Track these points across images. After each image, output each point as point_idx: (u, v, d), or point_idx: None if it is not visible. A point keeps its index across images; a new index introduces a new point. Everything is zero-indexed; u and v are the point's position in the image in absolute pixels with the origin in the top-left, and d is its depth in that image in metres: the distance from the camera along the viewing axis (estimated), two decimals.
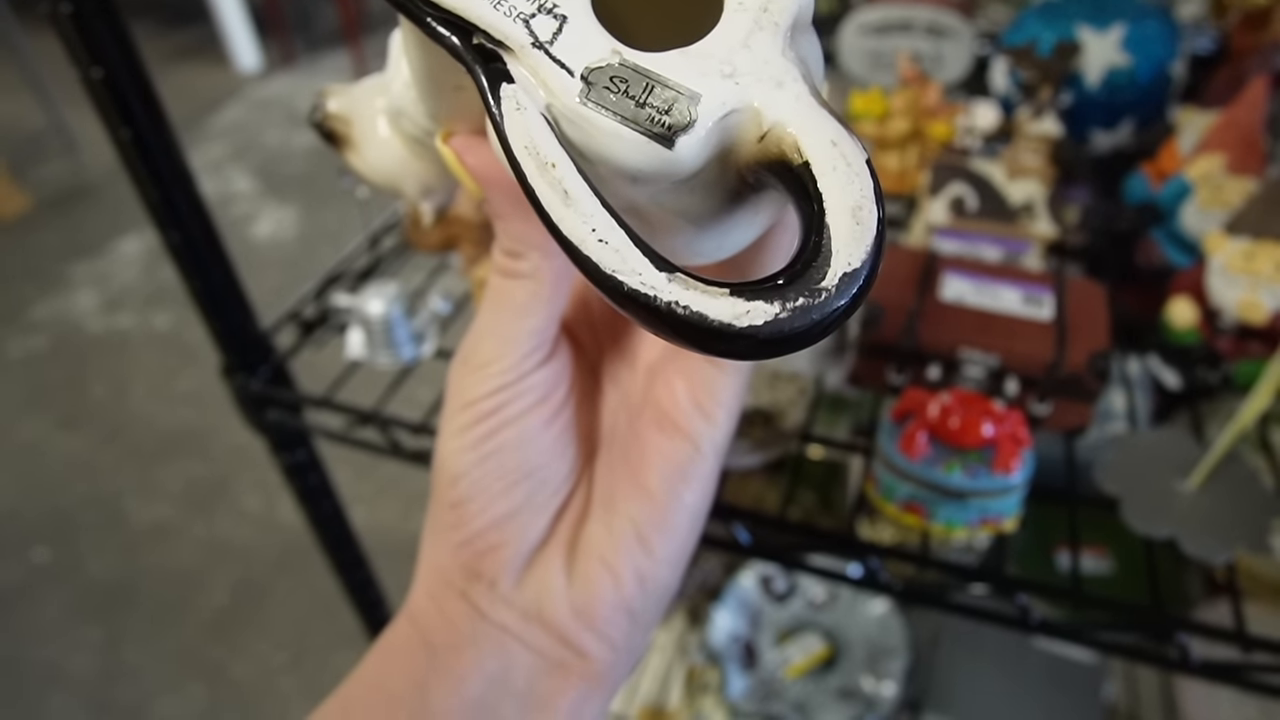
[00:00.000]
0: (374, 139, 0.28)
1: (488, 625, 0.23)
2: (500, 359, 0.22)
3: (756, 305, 0.13)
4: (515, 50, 0.15)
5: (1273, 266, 0.45)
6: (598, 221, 0.14)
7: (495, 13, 0.15)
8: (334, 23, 3.50)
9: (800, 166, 0.14)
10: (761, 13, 0.15)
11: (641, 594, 0.24)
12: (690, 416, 0.23)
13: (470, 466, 0.23)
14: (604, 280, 0.14)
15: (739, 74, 0.15)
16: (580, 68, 0.15)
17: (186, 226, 0.43)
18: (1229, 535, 0.38)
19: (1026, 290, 0.44)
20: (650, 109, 0.14)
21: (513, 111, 0.15)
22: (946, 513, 0.38)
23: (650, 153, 0.14)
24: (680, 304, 0.14)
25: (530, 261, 0.21)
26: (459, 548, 0.24)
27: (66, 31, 0.36)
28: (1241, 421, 0.38)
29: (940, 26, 0.72)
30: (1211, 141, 0.52)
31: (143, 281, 2.14)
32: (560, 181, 0.14)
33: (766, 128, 0.15)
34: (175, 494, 1.58)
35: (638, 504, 0.23)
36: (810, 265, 0.14)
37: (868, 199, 0.14)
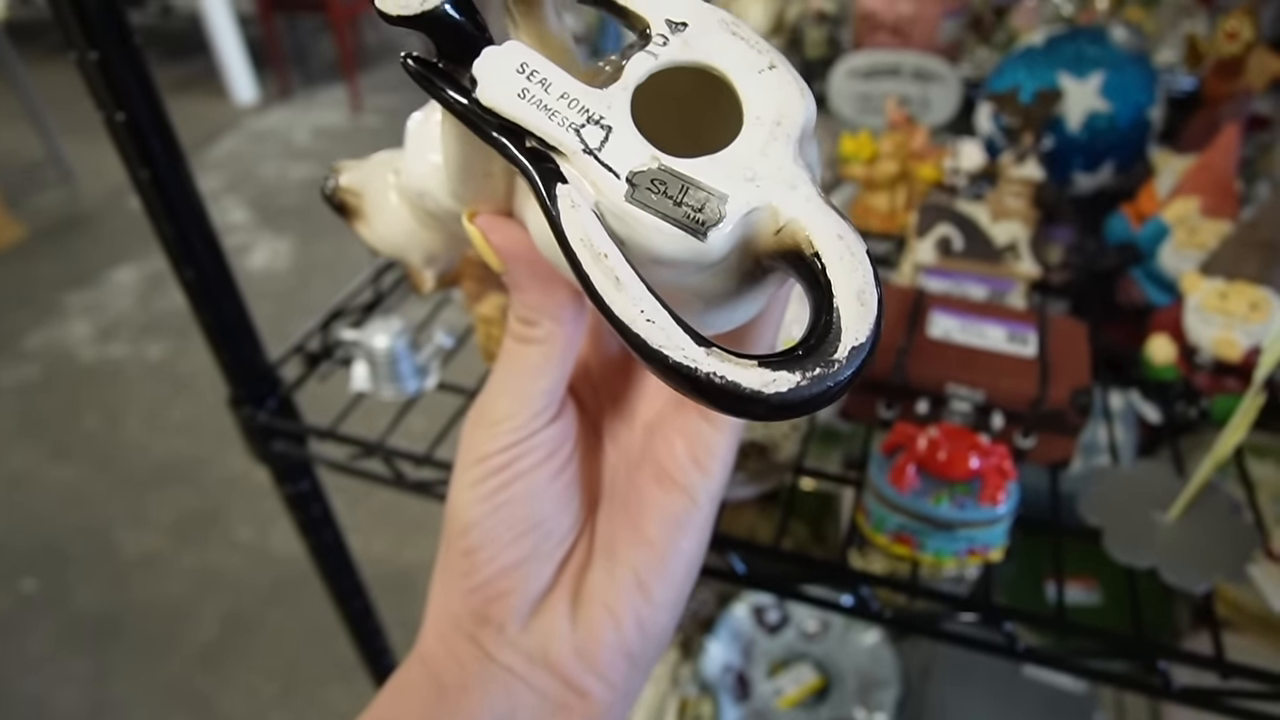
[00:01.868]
0: (383, 211, 0.29)
1: (496, 667, 0.25)
2: (512, 417, 0.24)
3: (781, 375, 0.16)
4: (568, 155, 0.17)
5: (1246, 306, 0.47)
6: (645, 304, 0.16)
7: (550, 123, 0.17)
8: (330, 56, 3.56)
9: (811, 256, 0.17)
10: (775, 126, 0.17)
11: (641, 638, 0.25)
12: (688, 471, 0.25)
13: (482, 517, 0.24)
14: (651, 354, 0.16)
15: (759, 178, 0.17)
16: (625, 171, 0.17)
17: (200, 263, 0.44)
18: (1208, 565, 0.40)
19: (1011, 328, 0.45)
20: (686, 207, 0.17)
21: (568, 209, 0.17)
22: (935, 543, 0.39)
23: (686, 244, 0.17)
24: (717, 375, 0.16)
25: (544, 329, 0.23)
26: (469, 593, 0.25)
27: (93, 77, 0.37)
28: (1218, 455, 0.39)
29: (927, 71, 0.75)
30: (1187, 185, 0.55)
31: (136, 311, 2.14)
32: (612, 270, 0.17)
33: (782, 223, 0.17)
34: (166, 524, 1.57)
35: (638, 553, 0.25)
36: (824, 340, 0.16)
37: (869, 283, 0.16)
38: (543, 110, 0.17)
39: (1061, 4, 0.79)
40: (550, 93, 0.17)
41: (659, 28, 0.18)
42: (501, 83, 0.17)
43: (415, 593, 0.31)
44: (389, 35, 3.83)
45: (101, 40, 0.37)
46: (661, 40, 0.18)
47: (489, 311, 0.50)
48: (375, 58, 3.64)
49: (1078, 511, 0.42)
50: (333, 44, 3.37)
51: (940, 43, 0.77)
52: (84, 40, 0.36)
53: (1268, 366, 0.35)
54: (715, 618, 0.82)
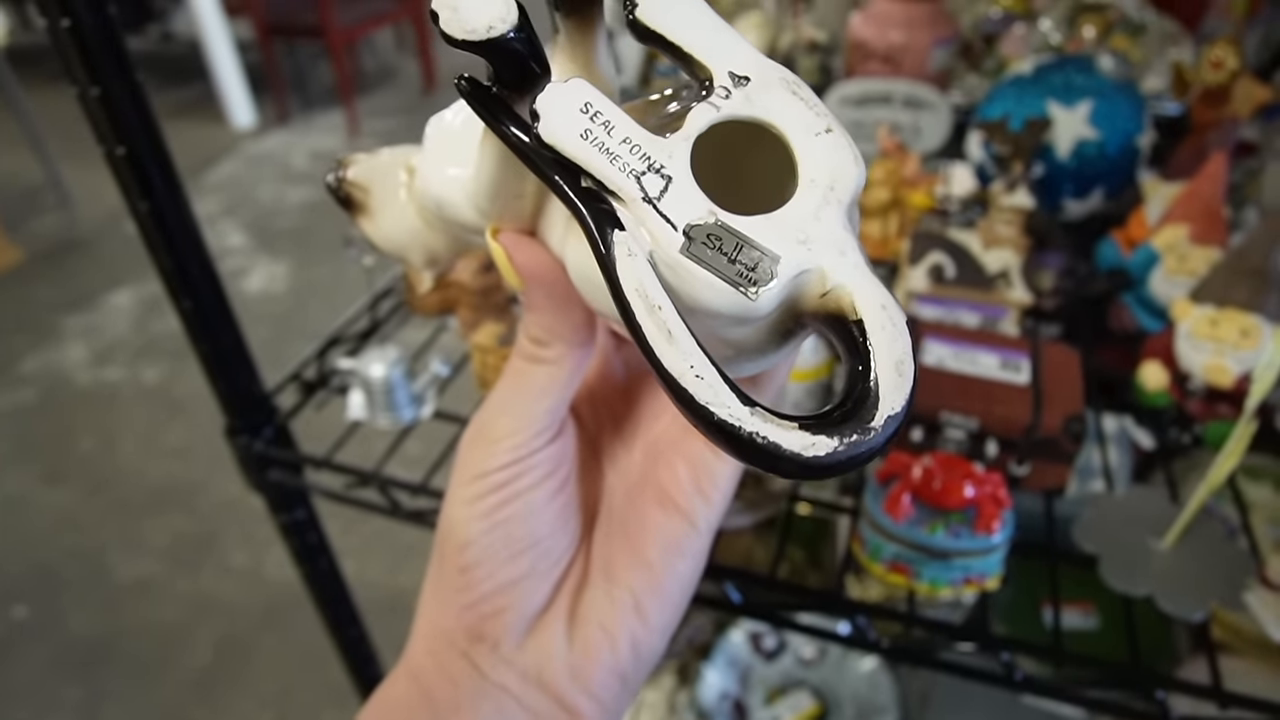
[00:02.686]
0: (390, 209, 0.29)
1: (489, 685, 0.25)
2: (514, 435, 0.24)
3: (820, 439, 0.16)
4: (626, 201, 0.17)
5: (1236, 333, 0.47)
6: (695, 359, 0.16)
7: (612, 167, 0.17)
8: (328, 82, 3.58)
9: (854, 322, 0.17)
10: (829, 190, 0.18)
11: (635, 659, 0.25)
12: (690, 497, 0.25)
13: (480, 534, 0.24)
14: (697, 409, 0.16)
15: (810, 241, 0.17)
16: (683, 224, 0.17)
17: (198, 293, 0.45)
18: (1203, 593, 0.40)
19: (1004, 355, 0.46)
20: (740, 265, 0.17)
21: (624, 257, 0.17)
22: (931, 572, 0.39)
23: (736, 301, 0.17)
24: (760, 435, 0.16)
25: (555, 350, 0.23)
26: (465, 610, 0.25)
27: (94, 112, 0.38)
28: (1212, 482, 0.40)
29: (918, 99, 0.76)
30: (1176, 212, 0.55)
31: (133, 335, 2.14)
32: (665, 323, 0.17)
33: (829, 287, 0.17)
34: (160, 549, 1.56)
35: (636, 575, 0.25)
36: (861, 406, 0.16)
37: (908, 355, 0.17)
38: (605, 153, 0.17)
39: (1049, 33, 0.80)
40: (613, 136, 0.17)
41: (722, 79, 0.18)
42: (565, 121, 0.17)
43: (409, 617, 0.31)
44: (387, 61, 3.87)
45: (103, 76, 0.37)
46: (724, 93, 0.18)
47: (484, 340, 0.50)
48: (373, 83, 3.67)
49: (1072, 537, 0.43)
50: (331, 69, 3.40)
51: (931, 71, 0.78)
52: (86, 76, 0.37)
53: (1259, 395, 0.36)
54: (712, 644, 0.82)
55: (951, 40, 0.80)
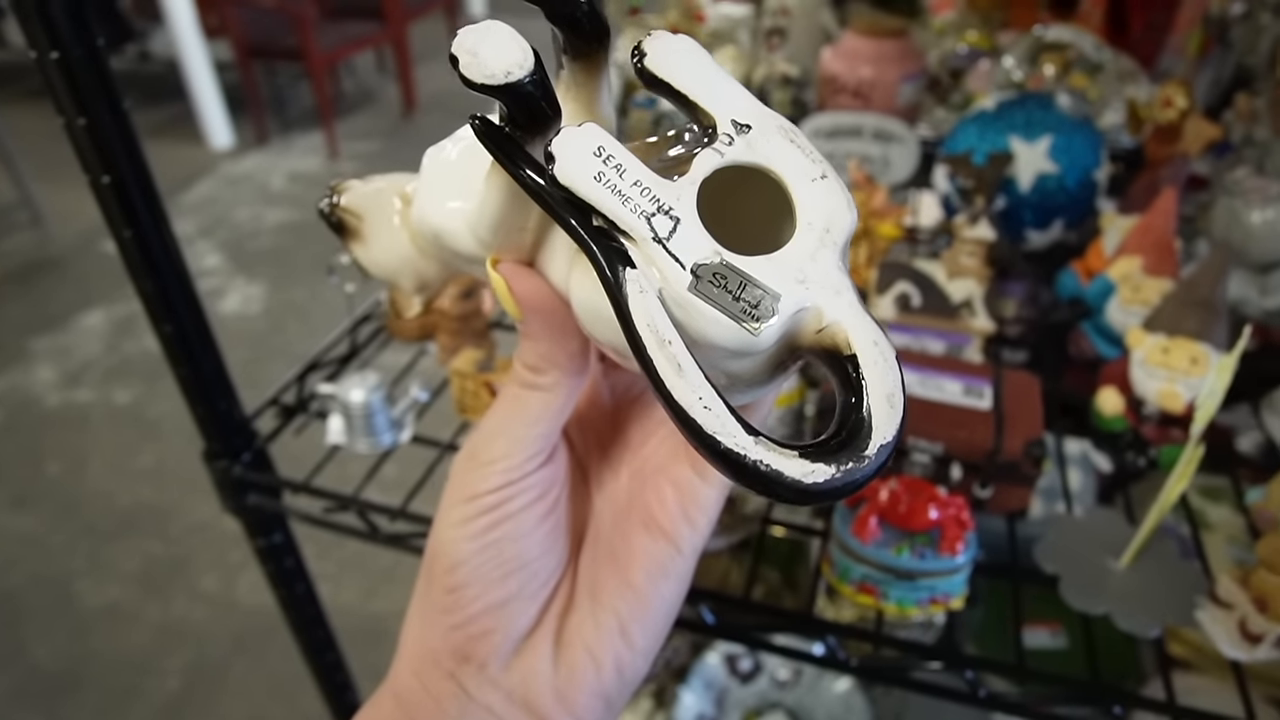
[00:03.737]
0: (383, 236, 0.30)
1: (474, 706, 0.25)
2: (507, 458, 0.25)
3: (819, 467, 0.17)
4: (637, 241, 0.18)
5: (1187, 361, 0.49)
6: (704, 391, 0.18)
7: (623, 208, 0.18)
8: (308, 103, 3.59)
9: (848, 357, 0.18)
10: (825, 233, 0.19)
11: (619, 682, 0.26)
12: (677, 522, 0.25)
13: (470, 555, 0.25)
14: (704, 438, 0.17)
15: (809, 281, 0.19)
16: (690, 263, 0.18)
17: (180, 318, 0.45)
18: (1158, 610, 0.41)
19: (967, 382, 0.47)
20: (743, 302, 0.18)
21: (636, 294, 0.18)
22: (898, 593, 0.40)
23: (739, 336, 0.18)
24: (764, 463, 0.17)
25: (550, 378, 0.24)
26: (452, 630, 0.25)
27: (81, 141, 0.38)
28: (1164, 504, 0.41)
29: (887, 132, 0.78)
30: (1130, 245, 0.58)
31: (104, 356, 2.12)
32: (675, 357, 0.18)
33: (825, 324, 0.19)
34: (129, 574, 1.54)
35: (623, 598, 0.25)
36: (856, 435, 0.17)
37: (898, 387, 0.18)
38: (617, 195, 0.18)
39: (1012, 70, 0.83)
40: (624, 178, 0.18)
41: (725, 127, 0.19)
42: (579, 163, 0.18)
43: (385, 642, 0.31)
44: (367, 84, 3.88)
45: (91, 106, 0.38)
46: (727, 140, 0.19)
47: (464, 366, 0.51)
48: (353, 105, 3.68)
49: (1034, 558, 0.44)
50: (310, 91, 3.41)
51: (899, 105, 0.81)
52: (73, 106, 0.37)
53: (1203, 421, 0.37)
54: (688, 667, 0.82)
55: (919, 75, 0.82)
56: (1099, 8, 0.99)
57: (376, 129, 3.47)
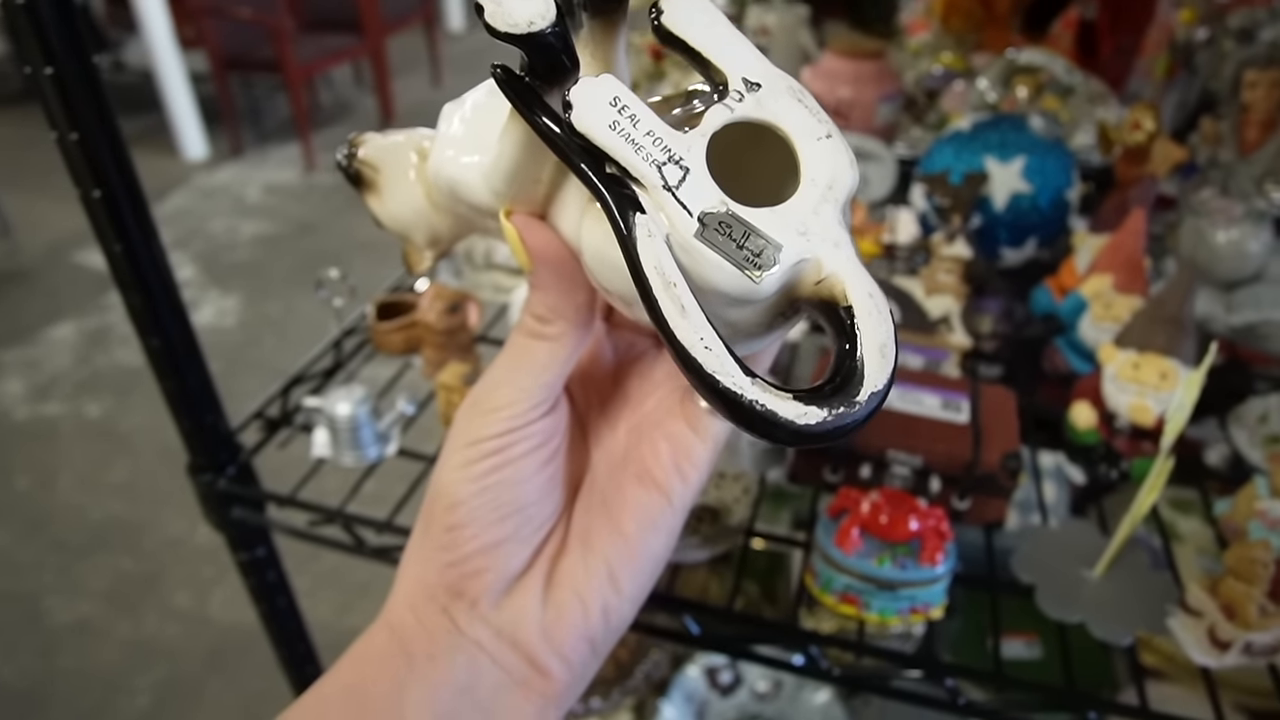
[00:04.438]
0: (398, 189, 0.30)
1: (464, 640, 0.26)
2: (512, 405, 0.25)
3: (812, 409, 0.18)
4: (648, 188, 0.19)
5: (1157, 376, 0.51)
6: (705, 332, 0.18)
7: (636, 156, 0.19)
8: (284, 115, 3.57)
9: (845, 309, 0.19)
10: (828, 189, 0.20)
11: (605, 626, 0.27)
12: (670, 475, 0.26)
13: (470, 496, 0.25)
14: (704, 377, 0.18)
15: (810, 234, 0.19)
16: (698, 211, 0.19)
17: (168, 334, 0.45)
18: (1130, 619, 0.43)
19: (945, 396, 0.48)
20: (747, 250, 0.19)
21: (645, 238, 0.19)
22: (879, 603, 0.41)
23: (741, 283, 0.19)
24: (759, 403, 0.18)
25: (557, 328, 0.25)
26: (447, 567, 0.26)
27: (73, 157, 0.38)
28: (1135, 515, 0.43)
29: (865, 151, 0.80)
30: (1101, 263, 0.59)
31: (74, 369, 2.09)
32: (679, 298, 0.19)
33: (824, 275, 0.19)
34: (99, 591, 1.51)
35: (613, 546, 0.26)
36: (849, 382, 0.18)
37: (890, 339, 0.19)
38: (630, 143, 0.19)
39: (986, 91, 0.85)
40: (638, 128, 0.19)
41: (736, 84, 0.20)
42: (596, 112, 0.19)
43: None
44: (344, 96, 3.87)
45: (83, 122, 0.38)
46: (738, 96, 0.20)
47: (450, 380, 0.51)
48: (330, 118, 3.66)
49: (1011, 568, 0.45)
50: (287, 103, 3.39)
51: (877, 124, 0.83)
52: (66, 121, 0.38)
53: (1172, 435, 0.39)
54: (669, 680, 0.83)
55: (896, 96, 0.84)
56: (1070, 31, 1.02)
57: None
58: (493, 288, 0.64)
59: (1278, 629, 0.39)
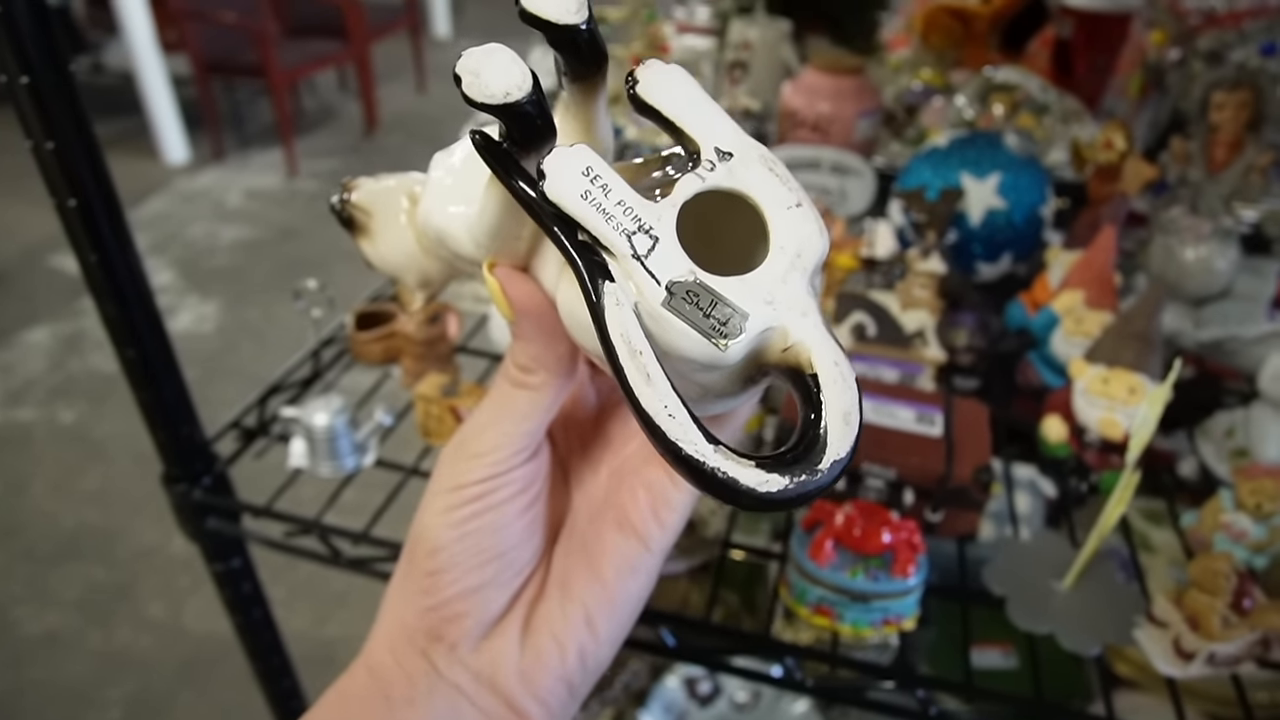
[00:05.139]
0: (390, 233, 0.31)
1: (443, 683, 0.26)
2: (494, 452, 0.26)
3: (774, 477, 0.18)
4: (617, 256, 0.20)
5: (1125, 390, 0.51)
6: (669, 400, 0.19)
7: (607, 225, 0.19)
8: (266, 120, 3.55)
9: (810, 376, 0.19)
10: (796, 258, 0.20)
11: (582, 670, 0.27)
12: (648, 522, 0.27)
13: (450, 541, 0.26)
14: (667, 444, 0.18)
15: (777, 302, 0.20)
16: (666, 280, 0.19)
17: (144, 344, 0.45)
18: (1099, 629, 0.43)
19: (919, 409, 0.49)
20: (713, 319, 0.19)
21: (612, 306, 0.19)
22: (853, 614, 0.42)
23: (708, 350, 0.19)
24: (720, 470, 0.18)
25: (539, 378, 0.25)
26: (427, 611, 0.26)
27: (49, 166, 0.38)
28: (1103, 527, 0.43)
29: (844, 165, 0.81)
30: (1073, 279, 0.60)
31: (49, 374, 2.06)
32: (645, 366, 0.19)
33: (790, 343, 0.20)
34: (71, 601, 1.49)
35: (591, 590, 0.27)
36: (811, 450, 0.19)
37: (855, 407, 0.19)
38: (601, 212, 0.19)
39: (963, 108, 0.87)
40: (609, 198, 0.20)
41: (709, 154, 0.21)
42: (568, 181, 0.19)
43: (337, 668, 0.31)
44: (328, 101, 3.86)
45: (59, 131, 0.38)
46: (710, 166, 0.21)
47: (428, 391, 0.51)
48: (313, 123, 3.65)
49: (983, 579, 0.46)
50: (269, 108, 3.37)
51: (857, 139, 0.84)
52: (42, 130, 0.37)
53: (1137, 448, 0.40)
54: (648, 691, 0.83)
55: (875, 111, 0.85)
56: (1046, 50, 1.04)
57: (337, 147, 3.44)
58: (473, 299, 0.64)
59: (1240, 640, 0.40)
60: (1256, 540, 0.46)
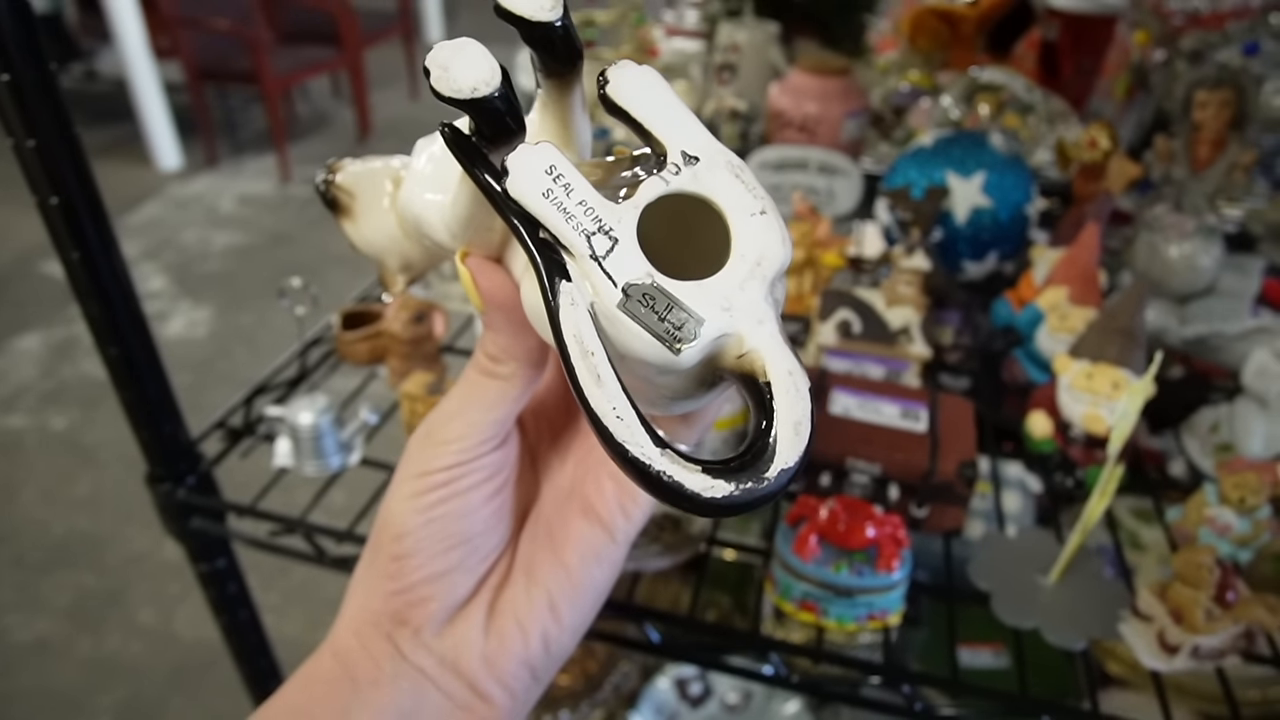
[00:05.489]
0: (373, 216, 0.30)
1: (407, 666, 0.26)
2: (462, 439, 0.26)
3: (719, 483, 0.18)
4: (575, 256, 0.19)
5: (1109, 385, 0.52)
6: (618, 402, 0.19)
7: (566, 225, 0.19)
8: (260, 126, 3.55)
9: (764, 384, 0.19)
10: (755, 266, 0.20)
11: (545, 655, 0.27)
12: (613, 512, 0.27)
13: (416, 527, 0.26)
14: (614, 445, 0.18)
15: (734, 309, 0.20)
16: (622, 281, 0.19)
17: (126, 341, 0.45)
18: (1084, 625, 0.43)
19: (904, 405, 0.49)
20: (668, 323, 0.19)
21: (567, 305, 0.19)
22: (837, 610, 0.42)
23: (661, 354, 0.19)
24: (666, 474, 0.18)
25: (508, 368, 0.25)
26: (392, 595, 0.27)
27: (30, 164, 0.38)
28: (1087, 522, 0.43)
29: (831, 165, 0.81)
30: (1057, 276, 0.61)
31: (40, 380, 2.05)
32: (596, 367, 0.19)
33: (745, 350, 0.20)
34: (61, 607, 1.48)
35: (555, 577, 0.27)
36: (759, 458, 0.19)
37: (806, 417, 0.19)
38: (562, 212, 0.19)
39: (950, 108, 0.87)
40: (571, 197, 0.20)
41: (675, 157, 0.21)
42: (530, 179, 0.19)
43: None
44: (321, 107, 3.86)
45: (40, 128, 0.38)
46: (675, 170, 0.21)
47: (414, 389, 0.51)
48: (306, 129, 3.65)
49: (968, 575, 0.46)
50: (263, 114, 3.37)
51: (844, 140, 0.84)
52: (23, 128, 0.37)
53: (1118, 442, 0.40)
54: (638, 691, 0.82)
55: (862, 112, 0.86)
56: (1033, 51, 1.04)
57: (330, 153, 3.42)
58: (459, 298, 0.64)
59: (1224, 633, 0.40)
60: (1240, 534, 0.47)
